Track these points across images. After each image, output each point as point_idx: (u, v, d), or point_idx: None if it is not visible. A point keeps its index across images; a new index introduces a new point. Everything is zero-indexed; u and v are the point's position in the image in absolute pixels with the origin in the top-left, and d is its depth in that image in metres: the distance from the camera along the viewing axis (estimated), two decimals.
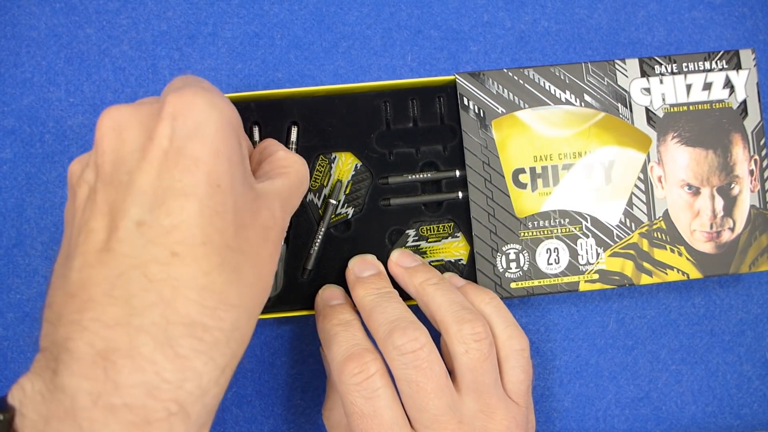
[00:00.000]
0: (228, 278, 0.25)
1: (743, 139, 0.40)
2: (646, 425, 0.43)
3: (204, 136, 0.25)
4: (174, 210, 0.24)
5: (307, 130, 0.39)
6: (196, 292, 0.24)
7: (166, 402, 0.23)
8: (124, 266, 0.23)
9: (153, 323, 0.23)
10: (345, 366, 0.32)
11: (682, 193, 0.39)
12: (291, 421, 0.41)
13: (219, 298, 0.24)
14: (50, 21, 0.42)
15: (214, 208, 0.25)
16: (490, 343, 0.33)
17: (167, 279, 0.23)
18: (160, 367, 0.23)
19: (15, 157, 0.41)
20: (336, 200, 0.39)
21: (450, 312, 0.34)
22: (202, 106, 0.26)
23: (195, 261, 0.24)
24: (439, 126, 0.40)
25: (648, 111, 0.39)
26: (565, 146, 0.39)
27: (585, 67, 0.39)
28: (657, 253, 0.39)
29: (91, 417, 0.22)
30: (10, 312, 0.41)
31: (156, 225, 0.24)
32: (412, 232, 0.39)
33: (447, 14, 0.44)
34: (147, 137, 0.25)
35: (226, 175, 0.25)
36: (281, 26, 0.43)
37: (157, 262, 0.23)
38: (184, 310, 0.23)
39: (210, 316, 0.24)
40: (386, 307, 0.34)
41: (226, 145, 0.26)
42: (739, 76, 0.40)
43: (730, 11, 0.45)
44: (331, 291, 0.38)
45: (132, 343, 0.23)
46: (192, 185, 0.24)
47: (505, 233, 0.39)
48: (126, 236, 0.24)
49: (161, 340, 0.23)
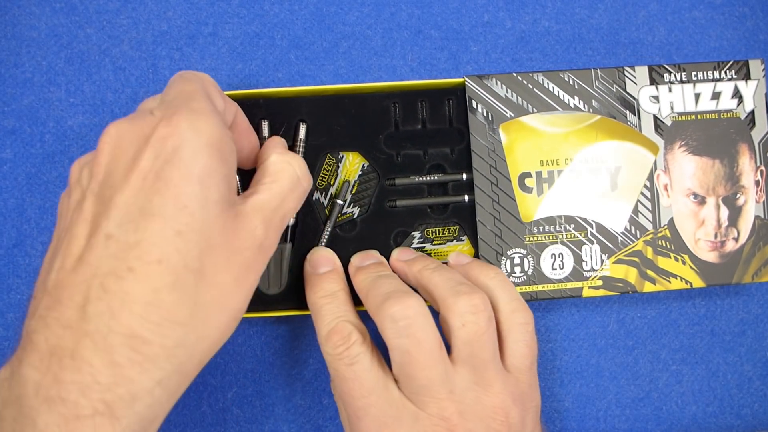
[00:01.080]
0: (179, 297, 0.26)
1: (750, 150, 0.40)
2: (647, 425, 0.43)
3: (179, 160, 0.27)
4: (139, 228, 0.26)
5: (316, 129, 0.39)
6: (142, 307, 0.26)
7: (95, 401, 0.25)
8: (89, 275, 0.26)
9: (97, 330, 0.25)
10: (329, 339, 0.33)
11: (688, 201, 0.39)
12: (291, 421, 0.41)
13: (165, 315, 0.26)
14: (50, 21, 0.42)
15: (176, 229, 0.26)
16: (488, 317, 0.33)
17: (118, 292, 0.25)
18: (95, 370, 0.25)
19: (15, 157, 0.41)
20: (343, 200, 0.39)
21: (447, 287, 0.34)
22: (184, 129, 0.27)
23: (147, 278, 0.26)
24: (448, 128, 0.40)
25: (656, 119, 0.39)
26: (572, 151, 0.39)
27: (594, 72, 0.39)
28: (661, 261, 0.39)
29: (31, 405, 0.24)
30: (10, 312, 0.41)
31: (122, 240, 0.26)
32: (418, 234, 0.39)
33: (447, 14, 0.44)
34: (134, 158, 0.27)
35: (195, 197, 0.27)
36: (281, 26, 0.43)
37: (115, 275, 0.26)
38: (126, 322, 0.25)
39: (152, 330, 0.26)
40: (383, 283, 0.34)
41: (201, 167, 0.27)
42: (748, 86, 0.40)
43: (731, 11, 0.45)
44: (320, 255, 0.38)
45: (76, 345, 0.25)
46: (159, 206, 0.26)
47: (511, 237, 0.39)
48: (96, 247, 0.26)
49: (101, 346, 0.25)
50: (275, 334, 0.42)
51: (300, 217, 0.39)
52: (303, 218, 0.39)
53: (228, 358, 0.41)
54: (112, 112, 0.42)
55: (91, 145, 0.42)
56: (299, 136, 0.39)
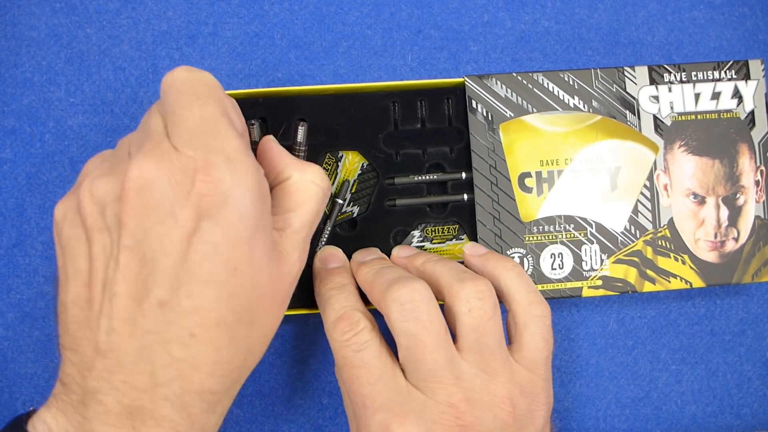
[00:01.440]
0: (236, 348, 0.28)
1: (750, 150, 0.40)
2: (647, 425, 0.43)
3: (225, 222, 0.27)
4: (193, 294, 0.27)
5: (315, 128, 0.39)
6: (209, 367, 0.27)
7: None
8: (149, 341, 0.27)
9: (173, 393, 0.27)
10: (336, 326, 0.33)
11: (688, 201, 0.39)
12: (291, 421, 0.41)
13: (226, 367, 0.28)
14: (50, 21, 0.42)
15: (230, 292, 0.27)
16: (494, 303, 0.33)
17: (185, 358, 0.27)
18: (175, 423, 0.27)
19: (15, 157, 0.41)
20: (343, 199, 0.39)
21: (451, 275, 0.34)
22: (228, 188, 0.27)
23: (210, 341, 0.27)
24: (447, 128, 0.40)
25: (656, 119, 0.39)
26: (572, 151, 0.39)
27: (594, 73, 0.39)
28: (661, 261, 0.39)
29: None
30: (10, 312, 0.41)
31: (177, 307, 0.27)
32: (417, 232, 0.39)
33: (447, 14, 0.44)
34: (172, 214, 0.26)
35: (244, 260, 0.27)
36: (281, 26, 0.43)
37: (178, 341, 0.27)
38: (198, 381, 0.27)
39: (218, 383, 0.28)
40: (387, 273, 0.34)
41: (248, 226, 0.27)
42: (748, 86, 0.40)
43: (731, 11, 0.45)
44: (329, 252, 0.38)
45: (155, 406, 0.27)
46: (210, 272, 0.27)
47: (510, 237, 0.39)
48: (150, 314, 0.27)
49: (178, 404, 0.27)
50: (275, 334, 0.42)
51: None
52: None
53: None
54: (112, 112, 0.42)
55: (91, 144, 0.42)
56: (298, 139, 0.38)
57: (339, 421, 0.41)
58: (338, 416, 0.41)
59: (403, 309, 0.32)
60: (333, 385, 0.42)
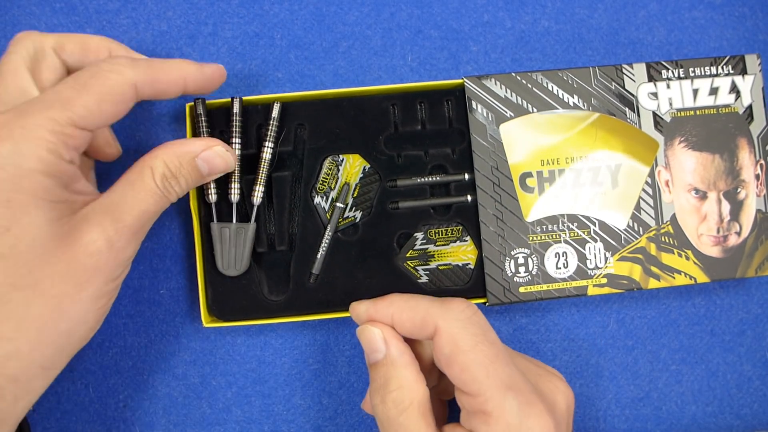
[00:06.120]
0: (5, 315, 0.28)
1: (749, 144, 0.40)
2: (647, 425, 0.43)
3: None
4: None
5: (315, 132, 0.39)
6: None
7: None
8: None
9: None
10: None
11: (689, 197, 0.39)
12: (291, 421, 0.41)
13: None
14: (50, 21, 0.42)
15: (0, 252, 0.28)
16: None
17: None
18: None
19: None
20: (343, 203, 0.39)
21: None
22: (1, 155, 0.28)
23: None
24: (448, 129, 0.40)
25: (655, 115, 0.40)
26: (573, 150, 0.39)
27: (592, 71, 0.39)
28: (665, 257, 0.39)
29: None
30: None
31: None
32: (420, 235, 0.39)
33: (447, 14, 0.44)
34: None
35: (16, 219, 0.28)
36: (281, 26, 0.43)
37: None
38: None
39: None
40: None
41: (20, 191, 0.28)
42: (745, 81, 0.40)
43: (731, 11, 0.45)
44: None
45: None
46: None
47: (514, 237, 0.39)
48: None
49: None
50: (275, 334, 0.42)
51: (300, 221, 0.38)
52: (304, 223, 0.39)
53: (228, 359, 0.41)
54: None
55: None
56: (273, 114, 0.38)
57: (339, 421, 0.41)
58: (338, 416, 0.41)
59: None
60: (333, 385, 0.42)
